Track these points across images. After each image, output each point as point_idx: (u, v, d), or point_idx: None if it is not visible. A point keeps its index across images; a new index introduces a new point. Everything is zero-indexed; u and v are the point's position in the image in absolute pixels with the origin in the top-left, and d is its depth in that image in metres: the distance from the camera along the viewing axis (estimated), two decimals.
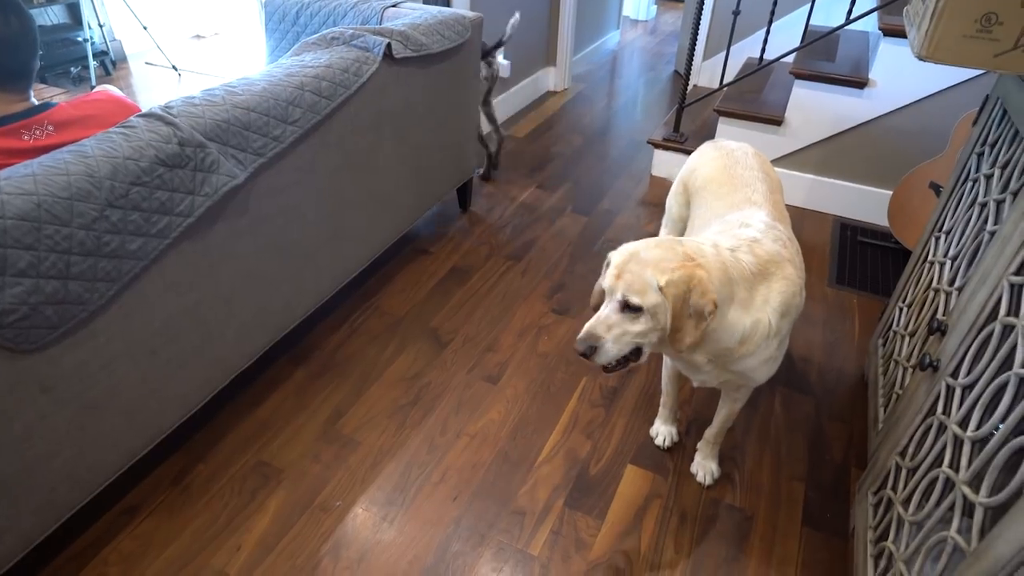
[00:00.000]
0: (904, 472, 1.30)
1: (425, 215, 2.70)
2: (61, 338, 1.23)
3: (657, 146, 3.12)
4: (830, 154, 2.76)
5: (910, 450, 1.30)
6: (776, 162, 2.86)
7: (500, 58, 3.42)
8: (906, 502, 1.24)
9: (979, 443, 1.02)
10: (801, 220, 2.79)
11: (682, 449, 1.75)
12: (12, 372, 1.17)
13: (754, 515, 1.60)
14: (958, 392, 1.14)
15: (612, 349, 1.20)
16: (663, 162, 3.13)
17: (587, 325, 1.21)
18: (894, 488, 1.33)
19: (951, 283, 1.43)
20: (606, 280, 1.21)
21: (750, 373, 1.35)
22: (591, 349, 1.19)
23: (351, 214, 1.95)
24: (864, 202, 2.78)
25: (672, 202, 1.80)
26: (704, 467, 1.68)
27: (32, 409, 1.22)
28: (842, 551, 1.52)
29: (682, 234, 1.75)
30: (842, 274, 2.47)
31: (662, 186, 3.06)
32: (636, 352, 1.24)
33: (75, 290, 1.21)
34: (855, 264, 2.53)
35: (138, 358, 1.40)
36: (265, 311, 1.73)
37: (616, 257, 1.22)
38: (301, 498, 1.59)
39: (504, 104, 3.65)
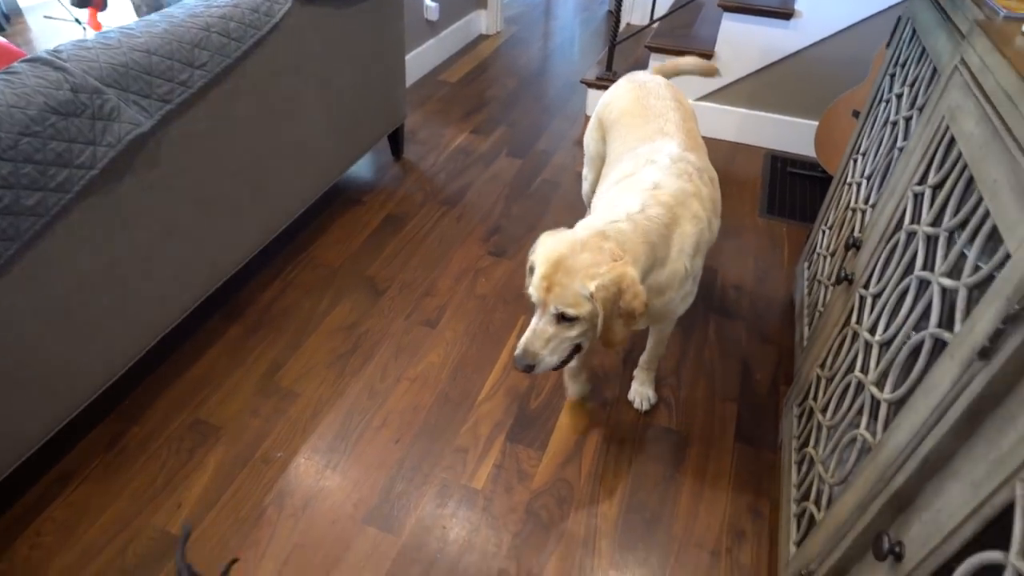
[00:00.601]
0: (823, 382, 1.37)
1: (356, 164, 2.63)
2: None
3: (590, 85, 3.10)
4: (760, 87, 2.79)
5: (828, 361, 1.37)
6: (707, 97, 2.88)
7: (427, 1, 3.31)
8: (824, 409, 1.31)
9: (885, 346, 1.08)
10: (734, 154, 2.84)
11: (619, 379, 1.79)
12: None
13: (689, 435, 1.66)
14: (869, 301, 1.20)
15: (552, 360, 1.22)
16: (597, 101, 3.12)
17: (523, 341, 1.21)
18: (815, 398, 1.40)
19: (866, 201, 1.48)
20: (535, 291, 1.19)
21: (670, 311, 1.41)
22: (529, 367, 1.21)
23: (275, 164, 1.88)
24: (793, 134, 2.84)
25: (589, 139, 1.80)
26: (641, 393, 1.72)
27: None
28: (772, 462, 1.60)
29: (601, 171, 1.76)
30: (772, 204, 2.53)
31: None
32: (577, 348, 1.26)
33: None
34: (784, 194, 2.60)
35: (50, 319, 1.34)
36: (189, 268, 1.67)
37: (540, 262, 1.19)
38: (241, 452, 1.58)
39: (435, 49, 3.55)
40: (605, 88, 3.06)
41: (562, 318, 1.17)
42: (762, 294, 2.10)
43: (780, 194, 2.59)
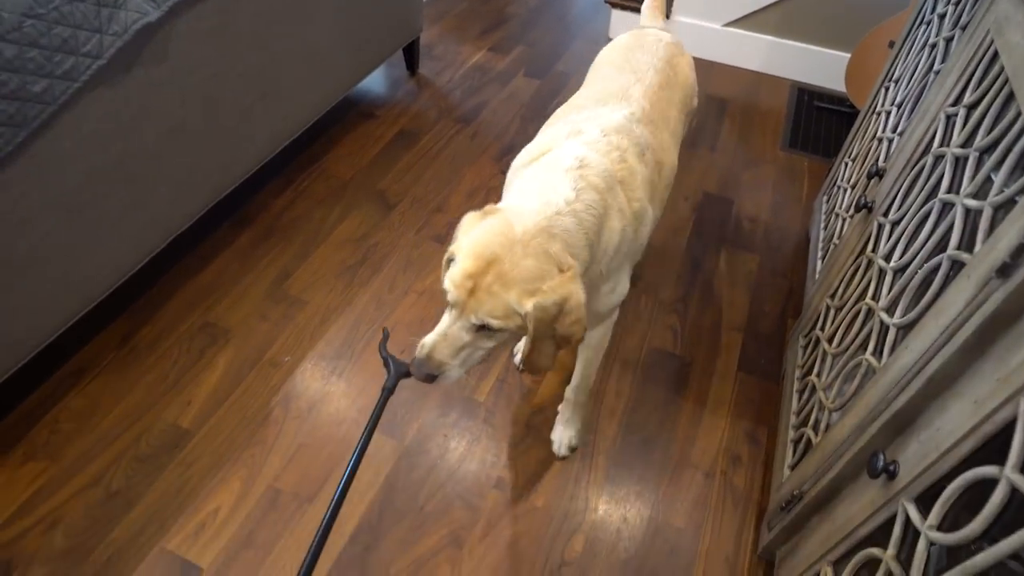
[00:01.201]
0: (832, 312, 1.36)
1: (370, 78, 2.56)
2: None
3: (615, 6, 2.96)
4: (790, 14, 2.65)
5: (839, 290, 1.35)
6: (734, 23, 2.75)
7: None
8: (831, 338, 1.30)
9: (899, 272, 1.06)
10: (758, 85, 2.73)
11: (625, 304, 1.79)
12: None
13: (693, 362, 1.67)
14: (887, 228, 1.17)
15: (457, 373, 0.98)
16: (622, 23, 2.99)
17: (428, 344, 0.96)
18: (822, 328, 1.39)
19: (894, 129, 1.43)
20: (454, 289, 0.93)
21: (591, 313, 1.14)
22: (432, 377, 0.97)
23: (286, 70, 1.83)
24: (822, 66, 2.72)
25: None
26: (561, 435, 1.46)
27: None
28: (772, 393, 1.61)
29: None
30: (795, 138, 2.46)
31: None
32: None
33: None
34: (809, 128, 2.52)
35: (60, 215, 1.34)
36: (200, 170, 1.65)
37: (466, 255, 0.93)
38: (250, 355, 1.60)
39: None
40: (632, 10, 2.93)
41: (482, 328, 0.94)
42: (777, 227, 2.07)
43: (804, 128, 2.51)
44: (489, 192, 2.10)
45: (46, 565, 1.27)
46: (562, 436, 1.46)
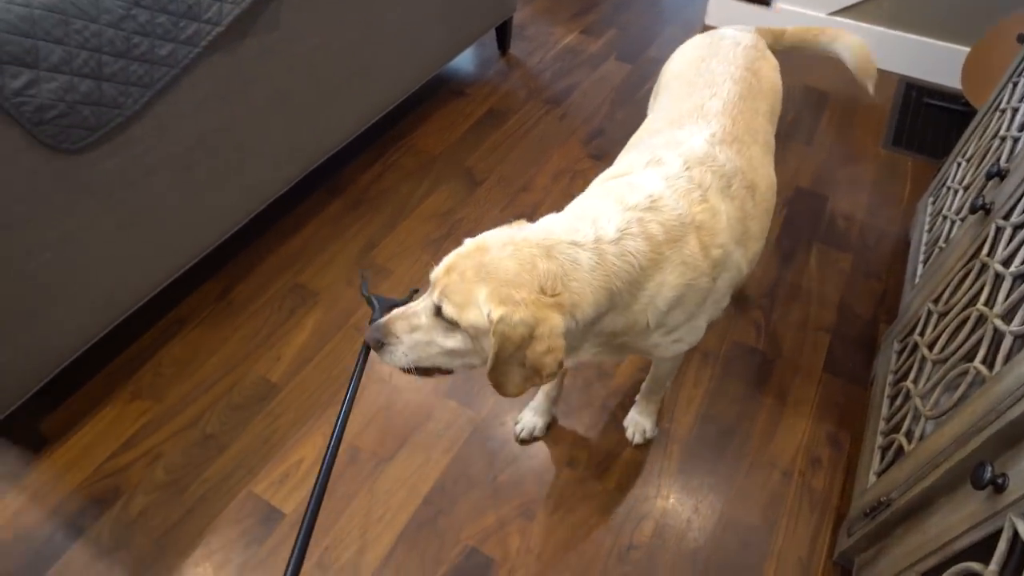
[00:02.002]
0: (935, 317, 1.29)
1: (461, 56, 2.59)
2: (100, 142, 1.25)
3: None
4: (906, 3, 2.50)
5: (945, 295, 1.28)
6: (842, 12, 2.62)
7: None
8: (932, 344, 1.24)
9: (1019, 278, 1.00)
10: None
11: None
12: (58, 172, 1.20)
13: (776, 359, 1.62)
14: (1007, 232, 1.10)
15: (403, 357, 0.92)
16: (720, 10, 2.90)
17: (393, 314, 0.94)
18: (921, 333, 1.32)
19: (1021, 128, 1.34)
20: (435, 267, 0.91)
21: (649, 353, 1.12)
22: (379, 344, 0.93)
23: (385, 44, 1.87)
24: (936, 60, 2.55)
25: (651, 104, 1.42)
26: (635, 423, 1.44)
27: (81, 210, 1.27)
28: (859, 397, 1.55)
29: None
30: (899, 136, 2.33)
31: None
32: (444, 370, 0.97)
33: (109, 92, 1.21)
34: (915, 126, 2.38)
35: (176, 172, 1.42)
36: (299, 137, 1.72)
37: (466, 243, 0.91)
38: (336, 318, 1.67)
39: None
40: None
41: (440, 314, 0.88)
42: (874, 227, 1.97)
43: (910, 126, 2.38)
44: (575, 175, 2.09)
45: (148, 495, 1.37)
46: (637, 425, 1.44)
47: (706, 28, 2.90)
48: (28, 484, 1.39)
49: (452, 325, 0.87)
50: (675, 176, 1.00)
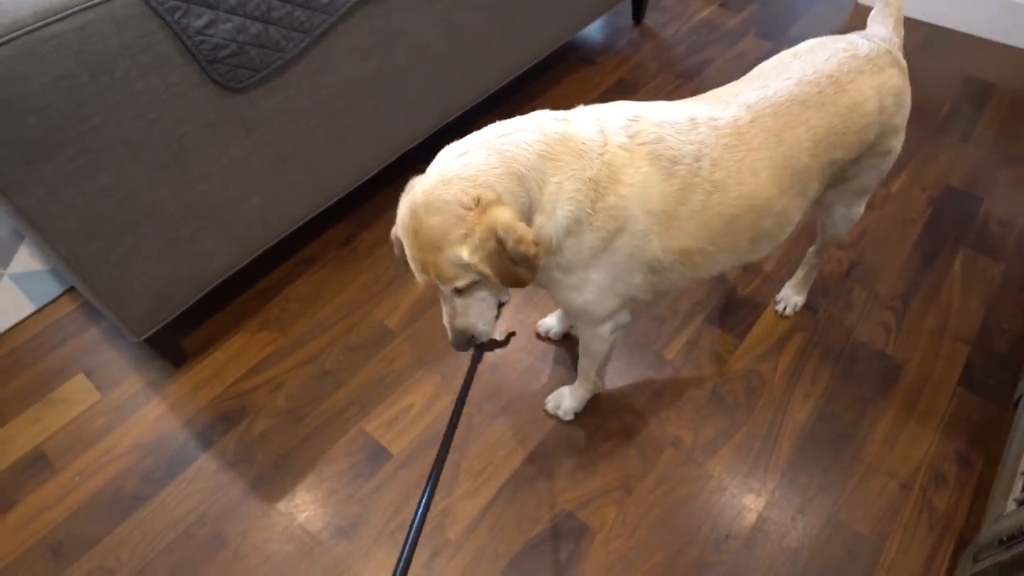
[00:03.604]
0: None
1: (593, 25, 2.54)
2: (261, 82, 1.32)
3: None
4: None
5: None
6: None
7: None
8: None
9: None
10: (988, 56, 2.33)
11: (836, 290, 1.66)
12: (222, 108, 1.28)
13: (905, 366, 1.52)
14: None
15: (487, 327, 1.01)
16: None
17: (447, 326, 1.01)
18: None
19: None
20: (418, 275, 0.94)
21: (561, 302, 1.15)
22: (469, 341, 1.01)
23: (524, 4, 1.86)
24: None
25: None
26: (558, 396, 1.45)
27: (237, 147, 1.36)
28: (997, 418, 1.43)
29: None
30: None
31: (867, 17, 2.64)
32: (500, 304, 1.04)
33: (274, 35, 1.27)
34: None
35: (321, 117, 1.49)
36: (434, 93, 1.75)
37: (403, 234, 0.94)
38: None
39: None
40: None
41: (458, 292, 0.95)
42: None
43: None
44: None
45: (270, 419, 1.47)
46: (560, 397, 1.44)
47: (859, 6, 2.69)
48: (169, 394, 1.53)
49: (468, 287, 0.93)
50: (609, 119, 0.97)
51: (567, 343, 1.57)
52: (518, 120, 0.96)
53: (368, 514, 1.32)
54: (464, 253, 0.87)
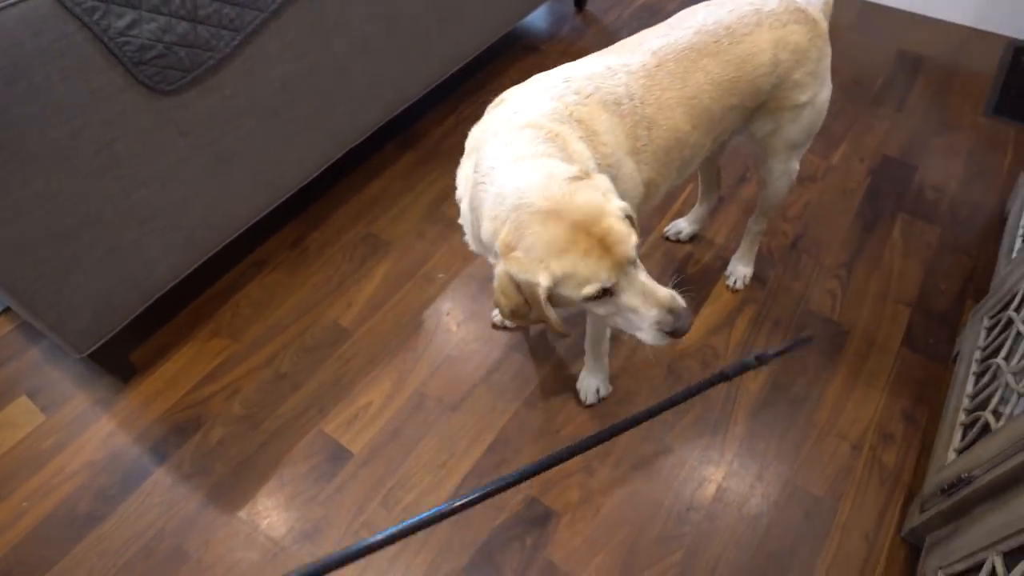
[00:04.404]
0: None
1: (536, 12, 2.54)
2: (193, 83, 1.29)
3: None
4: None
5: None
6: None
7: None
8: None
9: None
10: (965, 42, 2.42)
11: (785, 262, 1.70)
12: (153, 111, 1.25)
13: (851, 331, 1.57)
14: None
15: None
16: None
17: (665, 299, 0.92)
18: (1017, 309, 1.25)
19: None
20: (599, 269, 0.87)
21: None
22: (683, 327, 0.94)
23: None
24: None
25: None
26: (586, 384, 1.45)
27: (173, 150, 1.32)
28: (937, 375, 1.49)
29: None
30: (1002, 104, 2.17)
31: None
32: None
33: (203, 34, 1.24)
34: (1022, 94, 2.21)
35: (260, 116, 1.46)
36: (377, 86, 1.73)
37: (566, 235, 0.86)
38: (406, 268, 1.70)
39: None
40: None
41: (610, 292, 0.89)
42: (966, 200, 1.86)
43: (1016, 93, 2.21)
44: None
45: (226, 427, 1.44)
46: (587, 385, 1.44)
47: None
48: (119, 410, 1.49)
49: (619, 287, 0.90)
50: (550, 87, 1.00)
51: (520, 331, 1.58)
52: (499, 126, 0.97)
53: (332, 515, 1.31)
54: (621, 212, 0.87)
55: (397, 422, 1.44)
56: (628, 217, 0.89)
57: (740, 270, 1.63)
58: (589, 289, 0.87)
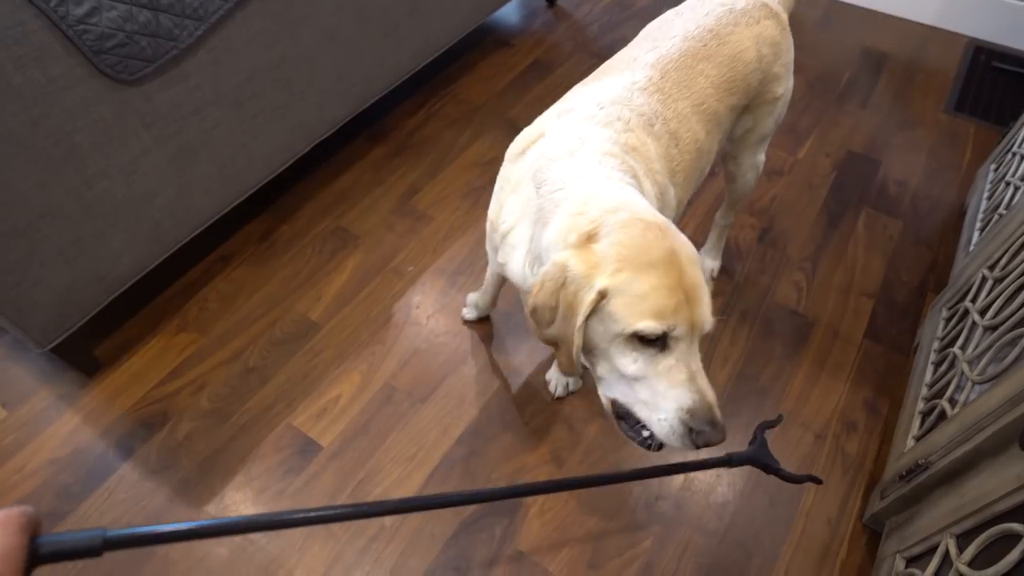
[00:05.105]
0: (989, 283, 1.25)
1: (508, 6, 2.54)
2: (156, 74, 1.27)
3: None
4: None
5: (1002, 261, 1.24)
6: None
7: None
8: (983, 311, 1.20)
9: None
10: (927, 40, 2.47)
11: (751, 256, 1.73)
12: (115, 102, 1.22)
13: (816, 323, 1.60)
14: None
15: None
16: None
17: (703, 394, 0.81)
18: (973, 300, 1.29)
19: None
20: (673, 319, 0.76)
21: None
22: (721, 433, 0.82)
23: None
24: (1010, 22, 2.42)
25: None
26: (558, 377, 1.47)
27: (136, 142, 1.30)
28: (899, 365, 1.52)
29: None
30: (963, 101, 2.22)
31: None
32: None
33: (165, 24, 1.22)
34: (981, 91, 2.27)
35: (226, 108, 1.44)
36: (346, 79, 1.72)
37: (652, 272, 0.77)
38: (376, 261, 1.69)
39: None
40: None
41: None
42: (928, 195, 1.90)
43: (976, 91, 2.27)
44: None
45: (194, 421, 1.42)
46: (557, 378, 1.46)
47: None
48: (83, 406, 1.46)
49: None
50: (590, 115, 0.97)
51: (490, 325, 1.58)
52: (567, 151, 0.92)
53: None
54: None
55: (366, 415, 1.43)
56: None
57: (708, 263, 1.65)
58: (647, 324, 0.74)
